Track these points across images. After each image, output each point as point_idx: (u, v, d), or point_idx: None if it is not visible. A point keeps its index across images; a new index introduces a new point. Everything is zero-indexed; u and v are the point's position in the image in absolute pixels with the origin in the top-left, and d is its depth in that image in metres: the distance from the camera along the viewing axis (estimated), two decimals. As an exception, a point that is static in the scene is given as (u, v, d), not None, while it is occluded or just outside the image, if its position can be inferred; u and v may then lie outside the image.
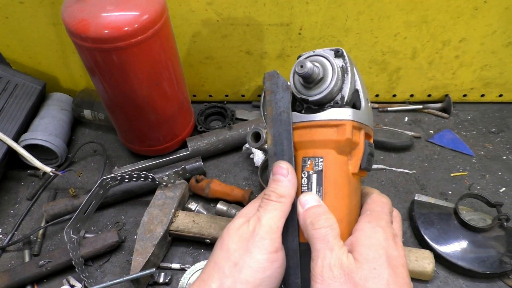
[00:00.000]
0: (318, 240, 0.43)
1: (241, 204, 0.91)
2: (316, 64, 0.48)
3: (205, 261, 0.77)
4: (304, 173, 0.49)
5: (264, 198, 0.48)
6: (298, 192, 0.49)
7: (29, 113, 1.03)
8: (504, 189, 0.92)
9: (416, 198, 0.88)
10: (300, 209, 0.46)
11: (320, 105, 0.50)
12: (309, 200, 0.46)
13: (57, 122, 1.05)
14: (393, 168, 0.97)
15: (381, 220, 0.45)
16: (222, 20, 0.96)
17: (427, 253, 0.76)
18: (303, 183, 0.49)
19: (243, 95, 1.16)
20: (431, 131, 1.06)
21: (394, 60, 1.02)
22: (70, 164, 1.04)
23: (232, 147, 1.03)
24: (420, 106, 1.11)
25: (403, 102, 1.13)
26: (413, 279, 0.77)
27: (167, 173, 0.92)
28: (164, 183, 0.87)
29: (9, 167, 1.04)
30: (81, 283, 0.81)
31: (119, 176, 0.83)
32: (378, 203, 0.48)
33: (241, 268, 0.44)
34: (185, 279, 0.79)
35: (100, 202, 0.86)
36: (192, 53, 1.04)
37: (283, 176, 0.47)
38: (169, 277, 0.80)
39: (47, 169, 0.91)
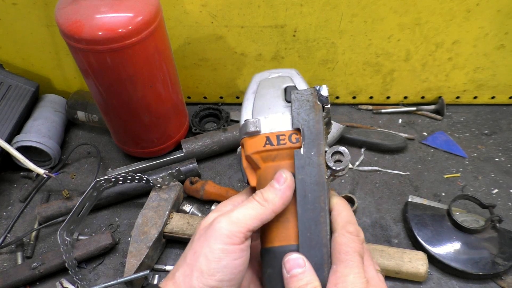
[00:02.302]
0: None
1: (235, 206, 0.91)
2: None
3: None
4: None
5: (250, 197, 0.48)
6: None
7: (22, 114, 1.02)
8: (496, 190, 0.92)
9: (409, 200, 0.88)
10: (285, 273, 0.45)
11: None
12: (294, 264, 0.45)
13: (51, 124, 1.04)
14: (387, 170, 0.98)
15: (349, 275, 0.43)
16: (217, 22, 0.96)
17: (421, 255, 0.76)
18: None
19: (237, 97, 1.16)
20: (424, 133, 1.06)
21: (388, 62, 1.03)
22: (63, 166, 1.04)
23: (227, 149, 1.03)
24: (414, 108, 1.11)
25: (397, 104, 1.14)
26: (407, 281, 0.77)
27: (162, 175, 0.92)
28: (158, 185, 0.87)
29: (2, 169, 1.03)
30: (74, 286, 0.80)
31: (113, 178, 0.83)
32: (344, 245, 0.45)
33: (198, 256, 0.45)
34: (179, 281, 0.79)
35: (94, 204, 0.86)
36: (186, 55, 1.04)
37: (277, 184, 0.46)
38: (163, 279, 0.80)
39: (40, 171, 0.90)
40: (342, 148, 0.48)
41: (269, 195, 0.46)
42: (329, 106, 0.51)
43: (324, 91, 0.51)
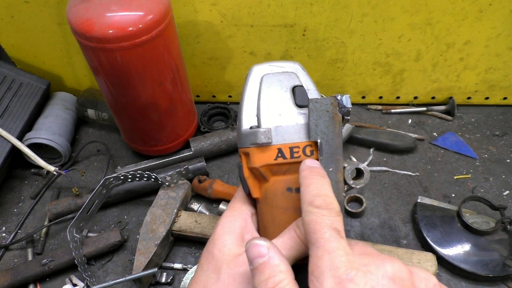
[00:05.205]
0: None
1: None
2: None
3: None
4: None
5: (293, 232, 0.41)
6: None
7: (33, 112, 1.03)
8: (507, 192, 0.91)
9: (419, 201, 0.87)
10: (249, 265, 0.39)
11: None
12: (255, 253, 0.37)
13: (61, 121, 1.05)
14: (396, 170, 0.97)
15: (323, 257, 0.34)
16: (226, 21, 0.96)
17: (430, 256, 0.76)
18: None
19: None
20: (434, 134, 1.05)
21: (398, 62, 1.02)
22: (73, 163, 1.05)
23: (235, 148, 1.03)
24: (424, 108, 1.10)
25: (407, 104, 1.13)
26: (416, 282, 0.77)
27: (170, 173, 0.92)
28: (167, 183, 0.87)
29: (13, 165, 1.04)
30: (83, 282, 0.81)
31: (122, 175, 0.83)
32: (311, 223, 0.36)
33: None
34: (187, 279, 0.79)
35: (103, 201, 0.86)
36: (196, 53, 1.04)
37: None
38: (171, 277, 0.81)
39: (51, 168, 0.91)
40: (363, 166, 0.45)
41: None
42: (349, 118, 0.46)
43: (347, 102, 0.45)
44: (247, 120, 0.48)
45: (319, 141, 0.44)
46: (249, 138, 0.47)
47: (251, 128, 0.47)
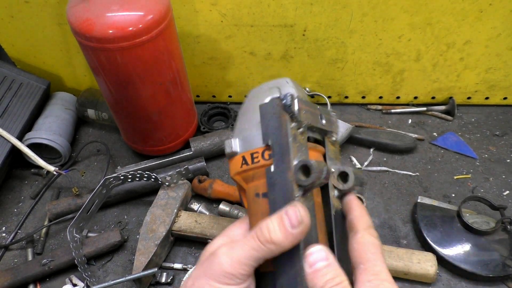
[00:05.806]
0: None
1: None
2: None
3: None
4: None
5: (253, 232, 0.41)
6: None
7: (33, 112, 1.03)
8: (507, 192, 0.91)
9: (419, 201, 0.87)
10: (307, 268, 0.40)
11: None
12: (317, 258, 0.40)
13: (61, 121, 1.05)
14: (396, 170, 0.97)
15: (382, 273, 0.40)
16: (226, 20, 0.96)
17: (430, 256, 0.76)
18: None
19: (246, 96, 1.16)
20: (434, 134, 1.05)
21: (398, 62, 1.02)
22: (73, 163, 1.05)
23: (235, 148, 1.03)
24: (424, 109, 1.10)
25: (407, 104, 1.13)
26: (416, 282, 0.77)
27: (170, 173, 0.92)
28: (167, 183, 0.87)
29: (13, 165, 1.04)
30: (83, 282, 0.81)
31: (122, 175, 0.83)
32: (371, 245, 0.42)
33: None
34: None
35: (103, 201, 0.86)
36: (195, 53, 1.04)
37: (290, 224, 0.39)
38: (171, 277, 0.81)
39: (51, 168, 0.91)
40: (310, 162, 0.42)
41: (278, 237, 0.39)
42: (296, 115, 0.44)
43: (288, 101, 0.44)
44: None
45: (270, 143, 0.45)
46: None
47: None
